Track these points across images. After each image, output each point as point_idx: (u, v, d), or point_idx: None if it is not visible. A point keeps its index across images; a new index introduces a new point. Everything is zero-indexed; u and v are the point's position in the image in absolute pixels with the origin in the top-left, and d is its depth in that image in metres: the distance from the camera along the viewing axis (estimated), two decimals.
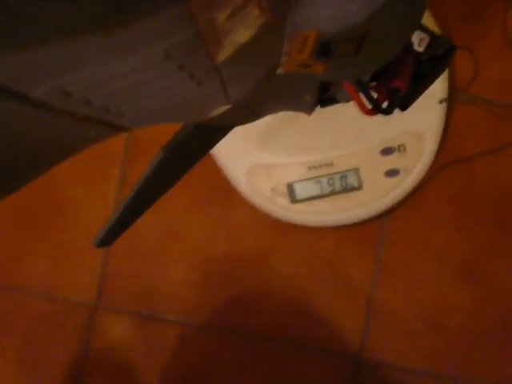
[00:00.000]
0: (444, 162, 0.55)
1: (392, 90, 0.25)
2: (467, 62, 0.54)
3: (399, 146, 0.52)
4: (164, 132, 0.26)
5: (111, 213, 0.27)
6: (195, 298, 0.59)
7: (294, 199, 0.53)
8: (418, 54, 0.27)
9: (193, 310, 0.59)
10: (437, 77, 0.27)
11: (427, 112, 0.52)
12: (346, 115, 0.51)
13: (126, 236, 0.59)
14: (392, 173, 0.52)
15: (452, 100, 0.55)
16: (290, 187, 0.53)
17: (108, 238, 0.27)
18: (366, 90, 0.25)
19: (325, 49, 0.19)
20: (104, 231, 0.27)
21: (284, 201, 0.53)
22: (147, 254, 0.60)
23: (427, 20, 0.52)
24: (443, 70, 0.27)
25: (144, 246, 0.60)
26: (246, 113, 0.24)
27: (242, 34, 0.16)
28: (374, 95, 0.25)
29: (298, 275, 0.58)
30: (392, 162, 0.52)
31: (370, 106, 0.25)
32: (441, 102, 0.52)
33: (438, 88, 0.52)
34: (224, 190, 0.57)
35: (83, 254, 0.61)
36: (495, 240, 0.55)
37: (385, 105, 0.26)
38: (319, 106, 0.27)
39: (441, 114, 0.52)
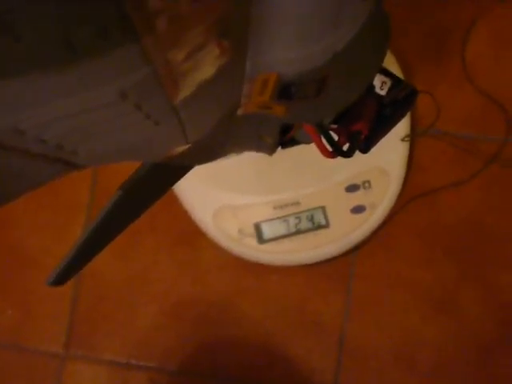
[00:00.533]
0: (409, 196, 0.56)
1: (353, 133, 0.25)
2: (429, 98, 0.56)
3: (364, 182, 0.52)
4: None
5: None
6: (166, 342, 0.58)
7: (261, 239, 0.52)
8: (380, 97, 0.27)
9: (164, 354, 0.58)
10: (398, 120, 0.27)
11: (391, 148, 0.53)
12: (309, 154, 0.51)
13: (94, 282, 0.58)
14: (358, 209, 0.52)
15: (415, 135, 0.56)
16: (258, 227, 0.52)
17: (61, 278, 0.26)
18: (326, 133, 0.24)
19: (285, 91, 0.19)
20: (57, 271, 0.25)
21: (252, 241, 0.52)
22: (116, 300, 0.59)
23: (389, 62, 0.53)
24: (405, 114, 0.27)
25: (112, 292, 0.59)
26: (206, 153, 0.24)
27: (201, 75, 0.16)
28: (336, 137, 0.25)
29: (268, 316, 0.57)
30: (357, 198, 0.52)
31: (330, 149, 0.25)
32: (403, 139, 0.53)
33: (401, 125, 0.53)
34: (191, 233, 0.57)
35: (51, 302, 0.59)
36: (462, 271, 0.56)
37: (346, 147, 0.26)
38: (280, 147, 0.26)
39: (404, 149, 0.53)
